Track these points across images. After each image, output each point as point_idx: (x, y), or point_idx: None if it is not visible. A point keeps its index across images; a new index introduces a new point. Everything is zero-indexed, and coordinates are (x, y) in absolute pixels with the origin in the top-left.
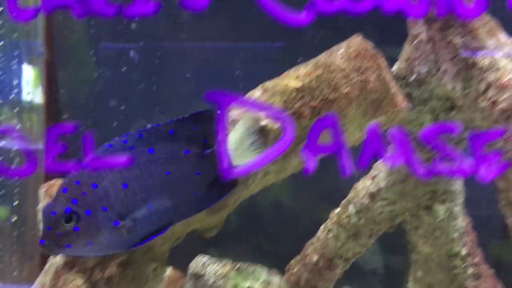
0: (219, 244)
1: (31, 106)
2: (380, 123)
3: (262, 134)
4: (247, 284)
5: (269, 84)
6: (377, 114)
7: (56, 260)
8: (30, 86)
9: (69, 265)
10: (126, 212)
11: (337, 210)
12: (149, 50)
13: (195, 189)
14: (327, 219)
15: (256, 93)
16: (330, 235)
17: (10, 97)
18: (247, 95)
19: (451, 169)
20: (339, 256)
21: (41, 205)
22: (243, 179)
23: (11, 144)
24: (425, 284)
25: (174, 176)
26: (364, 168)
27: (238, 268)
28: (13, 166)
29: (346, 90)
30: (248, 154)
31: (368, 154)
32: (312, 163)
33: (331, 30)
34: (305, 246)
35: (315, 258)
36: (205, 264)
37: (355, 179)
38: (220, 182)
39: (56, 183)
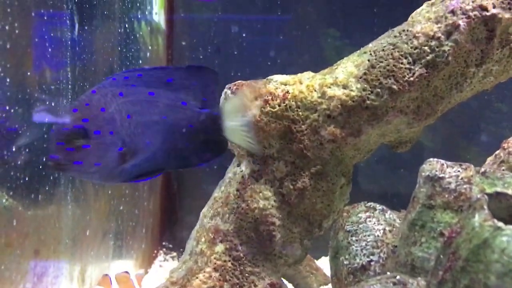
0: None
1: (157, 28)
2: None
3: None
4: (498, 189)
5: None
6: None
7: (241, 169)
8: (158, 5)
9: (256, 174)
10: (129, 141)
11: None
12: None
13: (188, 141)
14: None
15: None
16: (503, 167)
17: (146, 13)
18: None
19: None
20: None
21: None
22: (456, 82)
23: None
24: None
25: (170, 122)
26: None
27: (484, 173)
28: None
29: None
30: (238, 122)
31: None
32: None
33: None
34: None
35: None
36: (444, 166)
37: None
38: (212, 143)
39: None
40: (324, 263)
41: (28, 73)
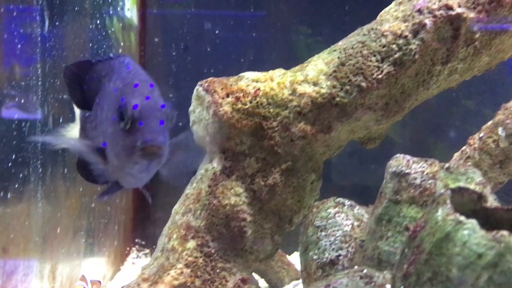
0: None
1: (130, 24)
2: None
3: None
4: (461, 185)
5: None
6: None
7: (213, 166)
8: (130, 1)
9: (227, 171)
10: None
11: (479, 134)
12: None
13: None
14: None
15: None
16: (469, 162)
17: (118, 9)
18: None
19: None
20: None
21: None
22: (423, 79)
23: None
24: None
25: None
26: None
27: (448, 168)
28: None
29: None
30: None
31: None
32: None
33: None
34: None
35: None
36: (409, 162)
37: None
38: None
39: None
40: (296, 258)
41: None
